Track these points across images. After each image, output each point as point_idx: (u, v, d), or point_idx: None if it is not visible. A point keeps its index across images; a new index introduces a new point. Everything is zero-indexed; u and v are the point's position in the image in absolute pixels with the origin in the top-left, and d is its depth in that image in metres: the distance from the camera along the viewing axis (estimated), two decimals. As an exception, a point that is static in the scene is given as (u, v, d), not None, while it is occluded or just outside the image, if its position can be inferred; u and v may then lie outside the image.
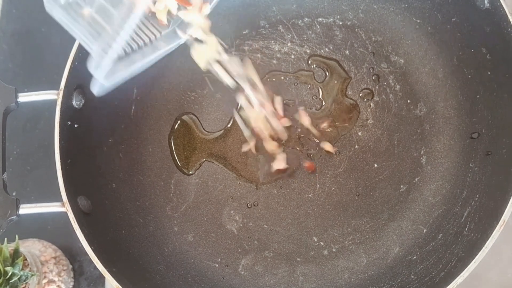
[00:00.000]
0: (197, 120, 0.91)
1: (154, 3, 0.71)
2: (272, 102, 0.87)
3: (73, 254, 0.89)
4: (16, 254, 0.75)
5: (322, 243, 0.82)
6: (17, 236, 0.77)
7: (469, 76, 0.80)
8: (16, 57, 1.04)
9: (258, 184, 0.86)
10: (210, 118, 0.90)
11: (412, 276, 0.74)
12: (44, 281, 0.81)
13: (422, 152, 0.84)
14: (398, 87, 0.87)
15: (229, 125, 0.89)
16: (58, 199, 0.70)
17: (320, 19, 0.92)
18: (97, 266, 0.67)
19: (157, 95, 0.91)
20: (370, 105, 0.88)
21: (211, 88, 0.90)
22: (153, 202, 0.86)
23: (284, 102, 0.88)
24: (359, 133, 0.86)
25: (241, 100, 0.86)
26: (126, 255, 0.76)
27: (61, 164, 0.71)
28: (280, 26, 0.93)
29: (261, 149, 0.87)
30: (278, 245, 0.83)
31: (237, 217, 0.85)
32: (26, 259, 0.77)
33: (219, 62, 0.81)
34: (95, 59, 0.61)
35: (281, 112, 0.87)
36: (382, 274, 0.78)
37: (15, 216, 0.69)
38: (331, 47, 0.91)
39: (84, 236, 0.68)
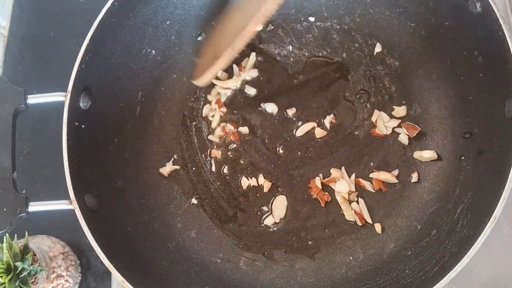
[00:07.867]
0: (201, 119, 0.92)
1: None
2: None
3: (80, 250, 0.90)
4: (25, 249, 0.76)
5: (320, 239, 0.83)
6: (26, 232, 0.78)
7: (462, 78, 0.81)
8: (26, 61, 1.06)
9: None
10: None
11: (407, 271, 0.74)
12: (53, 275, 0.82)
13: (416, 151, 0.85)
14: (394, 88, 0.89)
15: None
16: (66, 197, 0.70)
17: (318, 23, 0.93)
18: (103, 262, 0.68)
19: (161, 97, 0.92)
20: (367, 106, 0.89)
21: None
22: (157, 199, 0.86)
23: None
24: (356, 133, 0.87)
25: None
26: (132, 251, 0.77)
27: (69, 164, 0.71)
28: (280, 30, 0.94)
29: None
30: (278, 241, 0.83)
31: (238, 213, 0.86)
32: (35, 255, 0.79)
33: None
34: None
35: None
36: (378, 269, 0.78)
37: (24, 213, 0.70)
38: (329, 50, 0.92)
39: (91, 232, 0.68)
